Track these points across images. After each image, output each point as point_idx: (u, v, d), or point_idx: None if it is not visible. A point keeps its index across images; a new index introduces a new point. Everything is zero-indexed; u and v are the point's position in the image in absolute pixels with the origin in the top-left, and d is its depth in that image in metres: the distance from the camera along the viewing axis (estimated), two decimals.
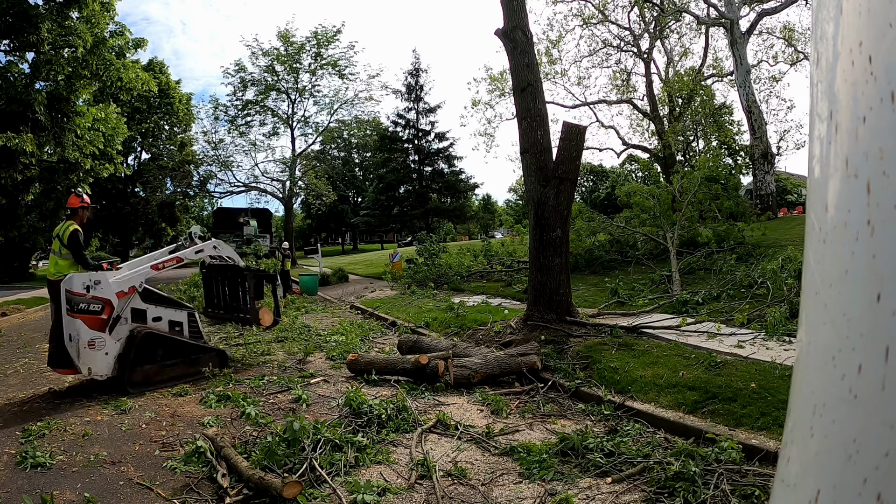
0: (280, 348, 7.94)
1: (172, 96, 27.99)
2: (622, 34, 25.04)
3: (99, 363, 5.35)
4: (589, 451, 3.72)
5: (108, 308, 5.41)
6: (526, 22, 7.74)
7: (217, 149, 29.14)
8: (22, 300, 13.86)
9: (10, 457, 3.93)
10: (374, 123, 36.07)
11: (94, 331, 5.32)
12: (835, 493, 0.49)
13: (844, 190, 0.51)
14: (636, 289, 9.63)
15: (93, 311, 5.33)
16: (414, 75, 43.71)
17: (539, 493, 3.30)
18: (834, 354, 0.50)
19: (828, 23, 0.55)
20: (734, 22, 18.49)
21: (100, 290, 5.38)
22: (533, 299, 7.31)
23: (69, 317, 5.34)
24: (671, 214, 10.93)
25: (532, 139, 7.41)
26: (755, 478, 3.22)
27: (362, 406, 4.50)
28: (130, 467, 3.76)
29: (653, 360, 5.46)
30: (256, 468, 3.44)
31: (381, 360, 6.01)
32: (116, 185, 26.38)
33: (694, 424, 4.16)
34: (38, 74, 15.04)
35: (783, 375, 4.54)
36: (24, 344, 8.64)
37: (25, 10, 14.26)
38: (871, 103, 0.48)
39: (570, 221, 7.79)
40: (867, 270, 0.47)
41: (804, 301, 0.59)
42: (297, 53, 28.26)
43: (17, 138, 13.72)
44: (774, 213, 17.48)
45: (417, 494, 3.34)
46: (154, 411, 4.98)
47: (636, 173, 41.45)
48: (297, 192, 31.69)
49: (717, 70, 24.61)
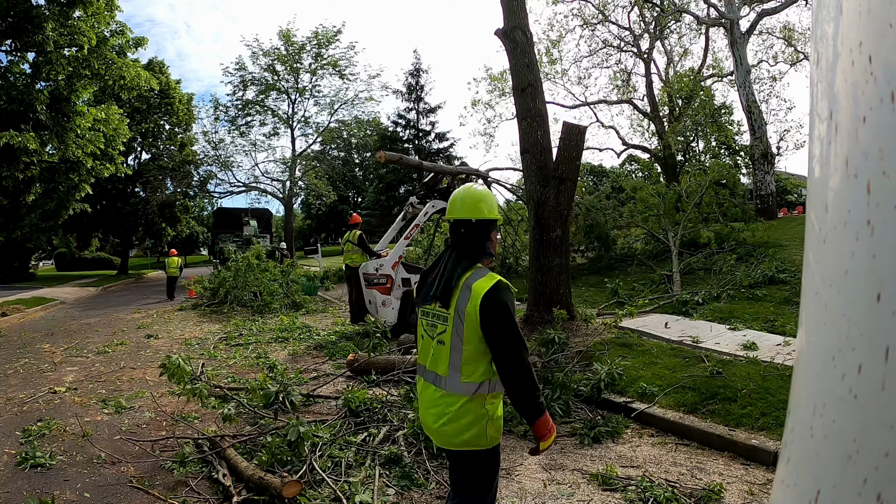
0: (281, 348, 7.94)
1: (173, 96, 27.94)
2: (622, 34, 25.04)
3: (390, 316, 7.94)
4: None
5: (390, 280, 8.11)
6: (526, 22, 7.74)
7: (217, 149, 29.13)
8: (22, 300, 13.87)
9: (10, 457, 3.93)
10: (374, 124, 36.06)
11: (384, 295, 8.02)
12: (835, 493, 0.49)
13: (844, 190, 0.51)
14: (636, 289, 9.63)
15: (382, 283, 8.07)
16: (414, 75, 43.70)
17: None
18: (834, 354, 0.50)
19: (828, 23, 0.55)
20: (734, 22, 18.48)
21: (384, 269, 8.12)
22: (533, 299, 7.31)
23: (367, 289, 8.12)
24: (675, 215, 10.93)
25: (532, 139, 7.41)
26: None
27: (361, 406, 4.50)
28: (130, 467, 3.76)
29: (652, 360, 5.46)
30: (257, 468, 3.44)
31: (380, 360, 6.01)
32: (116, 185, 26.33)
33: (694, 425, 4.16)
34: (39, 74, 15.03)
35: (783, 375, 4.54)
36: (24, 344, 8.64)
37: (27, 10, 14.25)
38: (871, 103, 0.48)
39: (570, 221, 7.79)
40: (867, 270, 0.47)
41: (804, 301, 0.59)
42: (297, 53, 28.25)
43: (19, 136, 13.70)
44: (774, 214, 17.45)
45: (418, 493, 3.34)
46: (154, 411, 4.99)
47: (636, 174, 41.42)
48: (297, 192, 31.66)
49: (717, 70, 24.59)
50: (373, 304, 8.08)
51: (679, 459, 3.77)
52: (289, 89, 29.20)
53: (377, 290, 8.02)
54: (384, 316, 7.88)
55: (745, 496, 3.20)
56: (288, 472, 3.46)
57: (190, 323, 10.82)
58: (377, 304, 8.01)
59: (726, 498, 3.18)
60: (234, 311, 11.91)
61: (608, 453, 3.91)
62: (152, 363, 6.83)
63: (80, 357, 7.58)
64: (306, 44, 28.29)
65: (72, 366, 7.02)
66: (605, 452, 3.93)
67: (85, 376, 6.42)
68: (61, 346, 8.46)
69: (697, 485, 3.33)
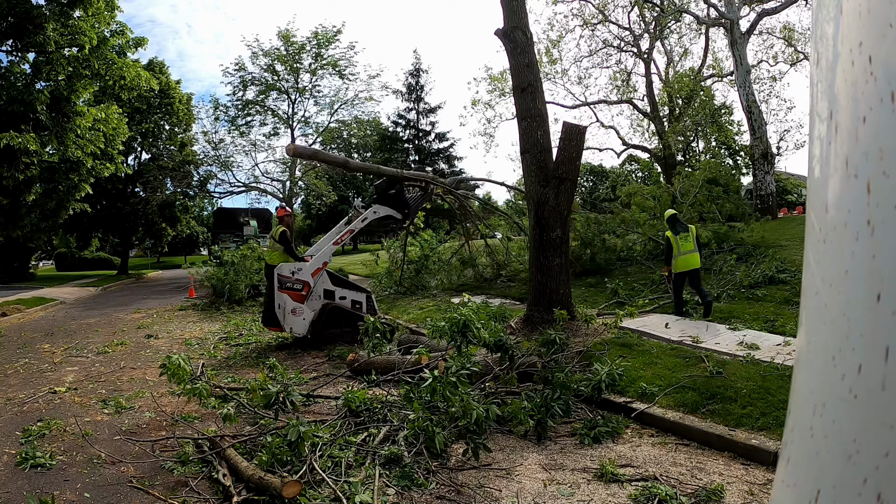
0: (281, 347, 7.94)
1: (172, 96, 27.91)
2: (622, 34, 25.03)
3: (297, 325, 7.48)
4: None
5: (307, 287, 7.55)
6: (526, 22, 7.74)
7: (217, 149, 29.11)
8: (22, 300, 13.86)
9: (10, 457, 3.93)
10: (374, 123, 36.03)
11: (296, 302, 7.46)
12: (835, 493, 0.49)
13: (844, 190, 0.51)
14: (636, 289, 9.62)
15: (296, 289, 7.49)
16: (415, 75, 43.71)
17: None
18: (834, 354, 0.50)
19: (828, 23, 0.55)
20: (734, 22, 18.47)
21: (302, 275, 7.54)
22: (533, 299, 7.31)
23: (279, 292, 7.44)
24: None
25: (532, 139, 7.41)
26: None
27: (361, 406, 4.50)
28: (130, 467, 3.76)
29: (652, 360, 5.46)
30: (257, 468, 3.44)
31: (380, 360, 6.01)
32: (116, 185, 26.31)
33: (694, 425, 4.16)
34: (39, 74, 15.02)
35: (783, 375, 4.54)
36: (24, 344, 8.64)
37: (28, 10, 14.24)
38: (871, 103, 0.48)
39: (570, 222, 7.79)
40: (867, 270, 0.47)
41: (804, 301, 0.59)
42: (297, 53, 28.24)
43: (20, 137, 13.69)
44: (774, 214, 17.44)
45: (418, 493, 3.34)
46: (154, 411, 4.99)
47: (636, 173, 41.41)
48: (297, 192, 31.66)
49: (717, 70, 24.58)
50: (282, 308, 7.44)
51: (679, 459, 3.77)
52: (289, 89, 29.18)
53: (288, 295, 7.43)
54: (290, 324, 7.44)
55: (745, 496, 3.20)
56: (288, 472, 3.46)
57: (190, 323, 10.82)
58: (286, 310, 7.43)
59: (726, 498, 3.18)
60: (233, 311, 11.91)
61: (608, 453, 3.91)
62: (152, 363, 6.83)
63: (80, 357, 7.58)
64: (306, 44, 28.28)
65: (72, 366, 7.02)
66: (606, 452, 3.93)
67: (85, 376, 6.42)
68: (61, 346, 8.46)
69: (698, 485, 3.33)
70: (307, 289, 7.53)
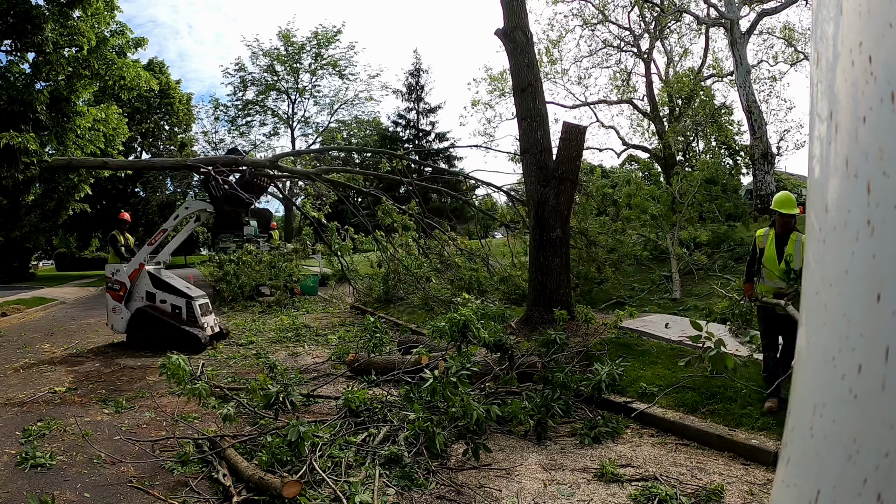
0: (281, 348, 7.94)
1: (172, 96, 27.94)
2: (622, 34, 25.03)
3: (117, 323, 7.93)
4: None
5: (123, 288, 7.86)
6: (526, 22, 7.74)
7: (217, 149, 29.14)
8: (22, 300, 13.86)
9: (10, 457, 3.93)
10: (374, 123, 36.06)
11: (115, 301, 7.90)
12: (835, 493, 0.49)
13: (844, 190, 0.51)
14: (636, 289, 9.63)
15: (115, 289, 7.89)
16: (415, 75, 43.67)
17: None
18: (834, 354, 0.50)
19: (828, 23, 0.55)
20: (734, 22, 18.47)
21: (120, 276, 7.89)
22: (533, 299, 7.31)
23: (105, 291, 8.09)
24: (671, 216, 10.93)
25: (532, 139, 7.41)
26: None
27: (361, 406, 4.50)
28: (130, 467, 3.76)
29: (652, 360, 5.46)
30: (258, 468, 3.44)
31: (380, 360, 6.01)
32: (116, 185, 26.35)
33: (694, 425, 4.16)
34: (39, 74, 15.01)
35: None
36: (24, 344, 8.64)
37: (27, 10, 14.23)
38: (871, 103, 0.48)
39: (570, 221, 7.79)
40: (867, 270, 0.47)
41: (804, 301, 0.59)
42: (297, 53, 28.28)
43: (19, 137, 13.68)
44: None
45: (418, 493, 3.34)
46: (154, 411, 4.98)
47: (636, 173, 41.43)
48: (297, 192, 31.67)
49: (717, 70, 24.58)
50: (107, 306, 8.08)
51: (679, 459, 3.77)
52: (289, 89, 29.22)
53: (110, 295, 7.99)
54: (112, 321, 8.00)
55: (745, 496, 3.20)
56: (288, 472, 3.46)
57: None
58: (109, 308, 8.03)
59: (726, 498, 3.18)
60: (233, 311, 11.91)
61: (608, 453, 3.91)
62: (152, 363, 6.83)
63: (80, 357, 7.58)
64: (306, 44, 28.32)
65: (72, 366, 7.02)
66: (606, 452, 3.93)
67: (85, 376, 6.42)
68: (61, 346, 8.46)
69: (698, 485, 3.33)
70: (124, 289, 7.85)
